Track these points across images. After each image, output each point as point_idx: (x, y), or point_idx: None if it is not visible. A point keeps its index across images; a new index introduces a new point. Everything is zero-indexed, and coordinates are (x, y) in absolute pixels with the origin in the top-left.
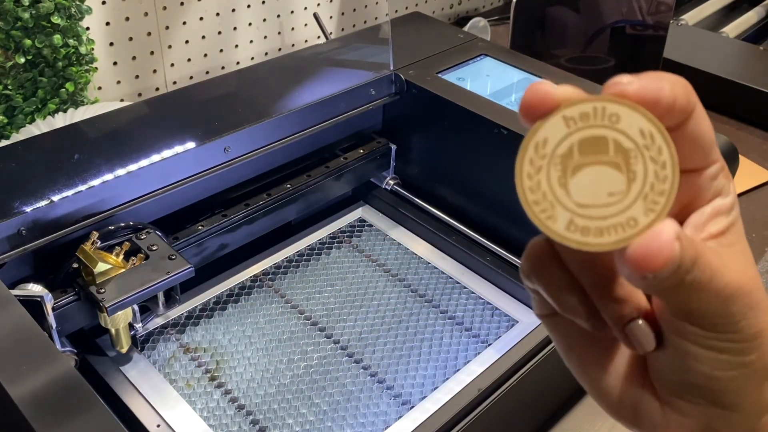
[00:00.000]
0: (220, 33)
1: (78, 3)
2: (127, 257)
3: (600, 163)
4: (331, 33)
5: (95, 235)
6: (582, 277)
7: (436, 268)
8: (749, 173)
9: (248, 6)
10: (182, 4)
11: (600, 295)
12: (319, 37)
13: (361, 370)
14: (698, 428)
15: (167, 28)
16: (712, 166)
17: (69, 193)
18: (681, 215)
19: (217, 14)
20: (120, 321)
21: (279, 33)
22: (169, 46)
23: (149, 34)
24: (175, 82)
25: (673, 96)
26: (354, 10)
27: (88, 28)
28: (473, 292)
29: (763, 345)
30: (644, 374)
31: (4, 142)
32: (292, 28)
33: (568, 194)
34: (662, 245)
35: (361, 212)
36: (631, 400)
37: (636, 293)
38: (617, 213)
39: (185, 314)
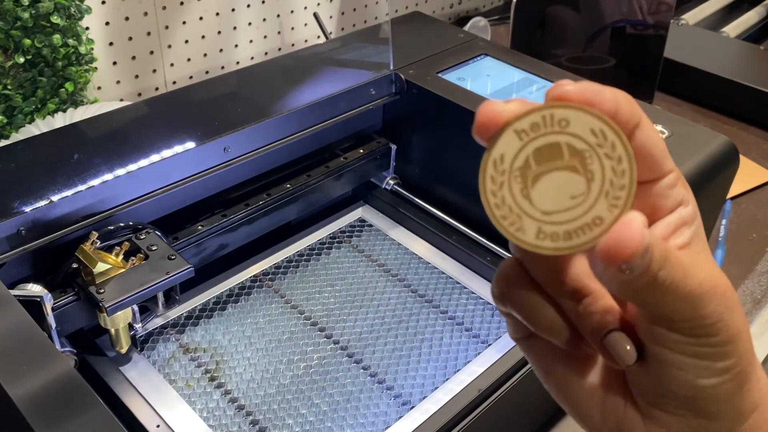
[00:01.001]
0: (219, 33)
1: (78, 3)
2: (126, 257)
3: (557, 168)
4: (331, 33)
5: (95, 235)
6: (555, 291)
7: (436, 268)
8: (750, 173)
9: (248, 6)
10: (182, 3)
11: (575, 307)
12: (319, 36)
13: (361, 370)
14: None
15: (167, 27)
16: (668, 175)
17: (68, 193)
18: None
19: (217, 14)
20: (119, 321)
21: (279, 33)
22: (169, 46)
23: (149, 33)
24: (174, 82)
25: (615, 101)
26: (354, 9)
27: (87, 28)
28: (473, 292)
29: (740, 348)
30: (625, 391)
31: (3, 142)
32: (292, 28)
33: (532, 204)
34: (632, 233)
35: (361, 212)
36: (613, 419)
37: (612, 306)
38: (582, 214)
39: (185, 314)
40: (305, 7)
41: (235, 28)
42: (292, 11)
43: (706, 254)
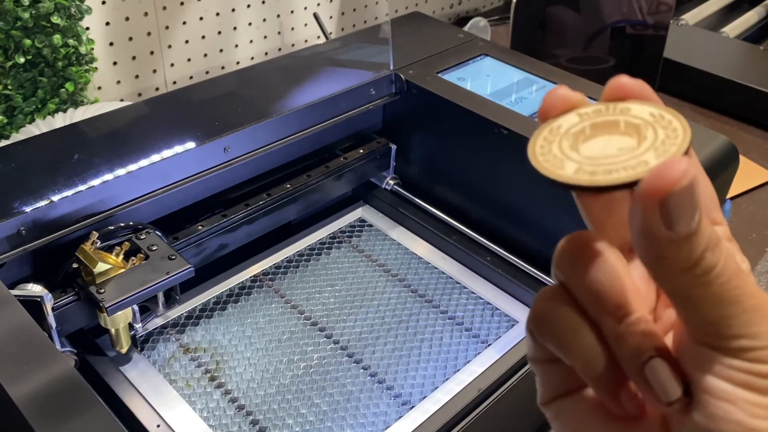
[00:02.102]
0: (220, 33)
1: (78, 3)
2: (126, 257)
3: (611, 134)
4: (331, 33)
5: (95, 235)
6: (597, 309)
7: (436, 268)
8: (749, 173)
9: (248, 6)
10: (182, 3)
11: (617, 328)
12: (319, 36)
13: (361, 370)
14: None
15: (167, 27)
16: (718, 227)
17: (69, 193)
18: None
19: (217, 14)
20: (120, 321)
21: (279, 33)
22: (169, 46)
23: (149, 34)
24: (175, 82)
25: None
26: (354, 9)
27: (87, 28)
28: (473, 292)
29: None
30: None
31: (4, 142)
32: (292, 28)
33: (578, 152)
34: (676, 165)
35: (361, 212)
36: None
37: (656, 332)
38: (627, 159)
39: (185, 314)
40: (305, 8)
41: (235, 28)
42: (292, 11)
43: None
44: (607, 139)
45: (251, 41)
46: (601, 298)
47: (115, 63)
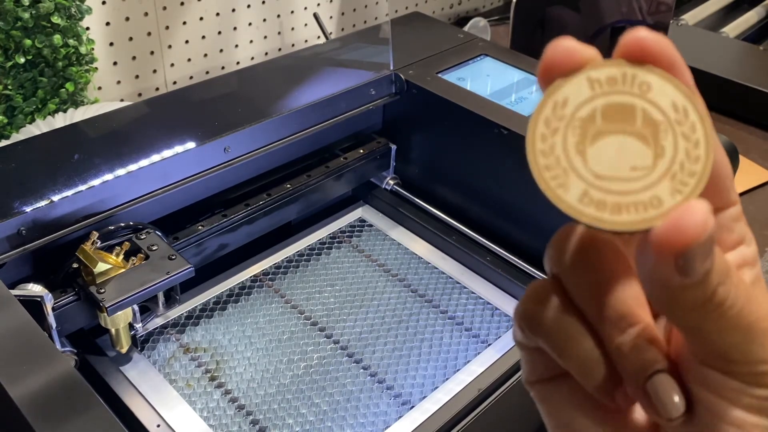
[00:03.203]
0: (220, 33)
1: (78, 3)
2: (127, 257)
3: (625, 132)
4: (331, 33)
5: (95, 235)
6: (597, 316)
7: (436, 268)
8: (749, 173)
9: (248, 6)
10: (182, 4)
11: (619, 339)
12: (319, 37)
13: (361, 370)
14: None
15: (167, 28)
16: (732, 207)
17: (69, 193)
18: None
19: (217, 14)
20: (120, 321)
21: (279, 33)
22: (169, 46)
23: (149, 34)
24: (175, 82)
25: (693, 86)
26: (354, 10)
27: (88, 28)
28: (473, 292)
29: None
30: None
31: (4, 142)
32: (292, 28)
33: (585, 162)
34: (695, 217)
35: (361, 212)
36: None
37: (662, 343)
38: (640, 190)
39: (185, 314)
40: (305, 8)
41: (235, 28)
42: (292, 12)
43: None
44: (620, 143)
45: (251, 41)
46: (602, 306)
47: (115, 63)
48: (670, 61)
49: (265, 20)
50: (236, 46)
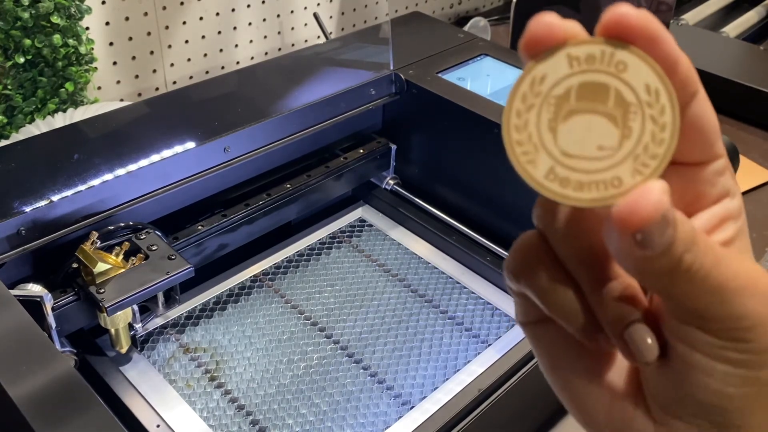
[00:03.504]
0: (219, 33)
1: (78, 3)
2: (126, 257)
3: (596, 112)
4: (331, 33)
5: (95, 235)
6: (578, 270)
7: (436, 268)
8: (749, 173)
9: (248, 6)
10: (182, 3)
11: (598, 291)
12: (319, 36)
13: (361, 370)
14: None
15: (167, 27)
16: (718, 160)
17: (68, 193)
18: (686, 214)
19: (217, 14)
20: (120, 321)
21: (279, 33)
22: (169, 46)
23: (149, 33)
24: (174, 82)
25: (677, 53)
26: (354, 9)
27: (87, 28)
28: (473, 292)
29: None
30: (637, 393)
31: (3, 142)
32: (292, 28)
33: (555, 140)
34: (649, 197)
35: (361, 212)
36: (620, 422)
37: (639, 296)
38: (603, 169)
39: (185, 314)
40: (305, 7)
41: (235, 28)
42: (292, 11)
43: (749, 255)
44: (590, 122)
45: (251, 41)
46: (582, 263)
47: (114, 63)
48: (651, 36)
49: (265, 20)
50: (236, 45)
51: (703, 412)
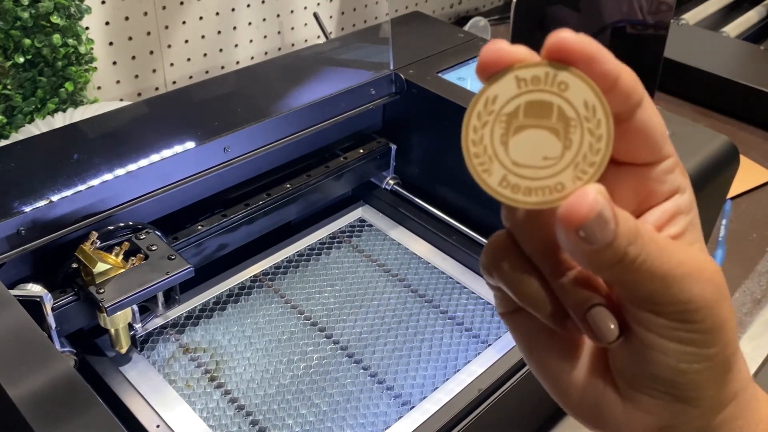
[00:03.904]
0: (219, 32)
1: (77, 2)
2: (126, 257)
3: (541, 126)
4: (331, 32)
5: (94, 235)
6: (542, 262)
7: (436, 268)
8: (750, 173)
9: (248, 5)
10: (182, 3)
11: (560, 280)
12: (319, 36)
13: (361, 370)
14: (659, 425)
15: (167, 27)
16: (666, 160)
17: (68, 192)
18: (638, 210)
19: (217, 14)
20: (119, 321)
21: (279, 32)
22: (169, 46)
23: (149, 33)
24: (174, 82)
25: (617, 69)
26: (354, 9)
27: (87, 28)
28: (473, 292)
29: (724, 336)
30: (606, 371)
31: (3, 142)
32: (292, 28)
33: (507, 152)
34: (585, 198)
35: (361, 212)
36: (592, 399)
37: (598, 282)
38: (547, 176)
39: (185, 314)
40: (305, 7)
41: (235, 27)
42: (292, 11)
43: (700, 245)
44: (536, 136)
45: (251, 41)
46: (545, 256)
47: (114, 63)
48: (589, 57)
49: (264, 20)
50: (236, 45)
51: (662, 386)
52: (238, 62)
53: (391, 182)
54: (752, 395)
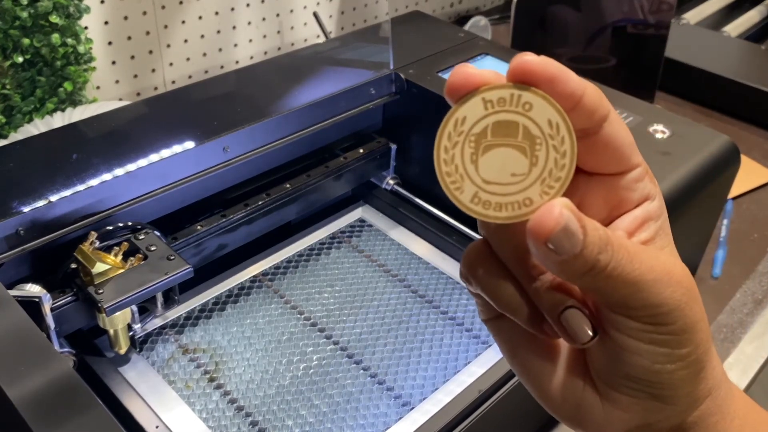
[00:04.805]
0: (219, 32)
1: (76, 2)
2: (125, 257)
3: (509, 145)
4: (330, 32)
5: (93, 235)
6: (517, 268)
7: (436, 269)
8: (751, 173)
9: (247, 5)
10: (181, 3)
11: (534, 284)
12: (318, 36)
13: (361, 371)
14: (637, 423)
15: (166, 27)
16: (635, 169)
17: (67, 193)
18: (609, 217)
19: (216, 13)
20: (118, 322)
21: (278, 32)
22: (168, 45)
23: (148, 33)
24: (173, 82)
25: (582, 87)
26: (354, 9)
27: (86, 27)
28: None
29: (697, 337)
30: (585, 372)
31: (2, 142)
32: (292, 27)
33: (477, 170)
34: (551, 212)
35: (361, 212)
36: (573, 399)
37: (570, 284)
38: (516, 192)
39: (184, 315)
40: (305, 7)
41: (234, 27)
42: (291, 10)
43: (670, 249)
44: (504, 154)
45: (250, 40)
46: (518, 262)
47: (113, 62)
48: (550, 78)
49: (264, 19)
50: (235, 45)
51: (638, 386)
52: (237, 62)
53: (391, 182)
54: (727, 392)
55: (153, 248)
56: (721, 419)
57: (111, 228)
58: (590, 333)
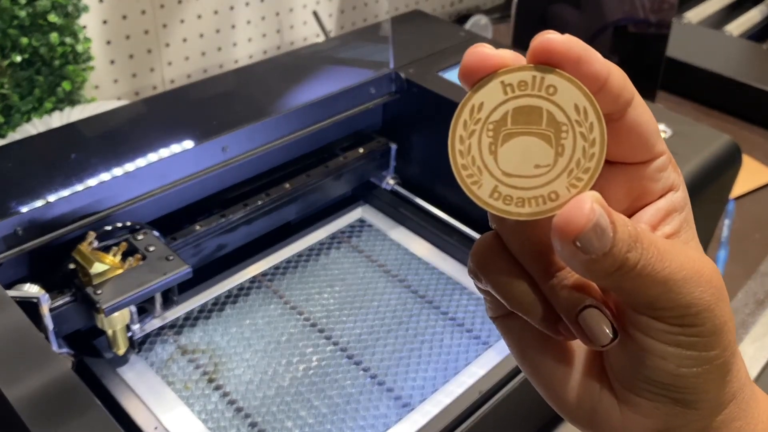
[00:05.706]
0: (218, 31)
1: (75, 1)
2: (124, 258)
3: (531, 133)
4: (330, 31)
5: (92, 235)
6: (531, 264)
7: (436, 269)
8: (753, 173)
9: (247, 4)
10: (180, 2)
11: (550, 282)
12: (318, 35)
13: (361, 372)
14: (656, 428)
15: (165, 26)
16: (659, 157)
17: (66, 193)
18: (631, 209)
19: (216, 12)
20: (117, 322)
21: (278, 31)
22: (167, 45)
23: (147, 32)
24: (172, 81)
25: (607, 69)
26: (354, 8)
27: (85, 27)
28: (473, 293)
29: (724, 339)
30: (602, 374)
31: (0, 142)
32: (291, 27)
33: (496, 162)
34: (581, 209)
35: (361, 212)
36: (588, 403)
37: (588, 283)
38: (540, 185)
39: (183, 315)
40: (304, 6)
41: (233, 26)
42: (291, 9)
43: (695, 243)
44: (526, 143)
45: (250, 39)
46: (532, 257)
47: (112, 61)
48: (575, 58)
49: (263, 18)
50: (234, 44)
51: (661, 390)
52: (236, 61)
53: (391, 182)
54: (751, 395)
55: (152, 248)
56: (745, 424)
57: (109, 228)
58: (610, 335)
